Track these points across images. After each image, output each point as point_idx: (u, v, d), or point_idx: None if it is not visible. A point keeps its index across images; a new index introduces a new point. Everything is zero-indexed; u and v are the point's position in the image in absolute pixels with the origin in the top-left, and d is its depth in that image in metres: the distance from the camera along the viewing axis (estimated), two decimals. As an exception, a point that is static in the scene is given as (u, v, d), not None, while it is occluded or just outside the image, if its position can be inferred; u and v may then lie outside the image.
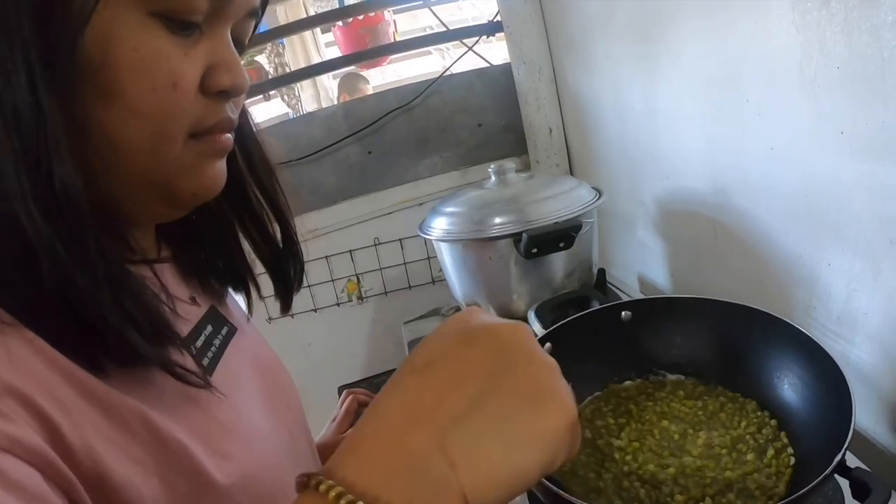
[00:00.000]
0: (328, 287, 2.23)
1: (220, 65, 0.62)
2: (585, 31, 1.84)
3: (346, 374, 2.15)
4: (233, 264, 0.89)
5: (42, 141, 0.51)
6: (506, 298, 1.45)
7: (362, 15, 2.71)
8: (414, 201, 2.21)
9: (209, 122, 0.64)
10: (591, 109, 1.94)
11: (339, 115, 2.21)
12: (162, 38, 0.57)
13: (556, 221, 1.33)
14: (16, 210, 0.51)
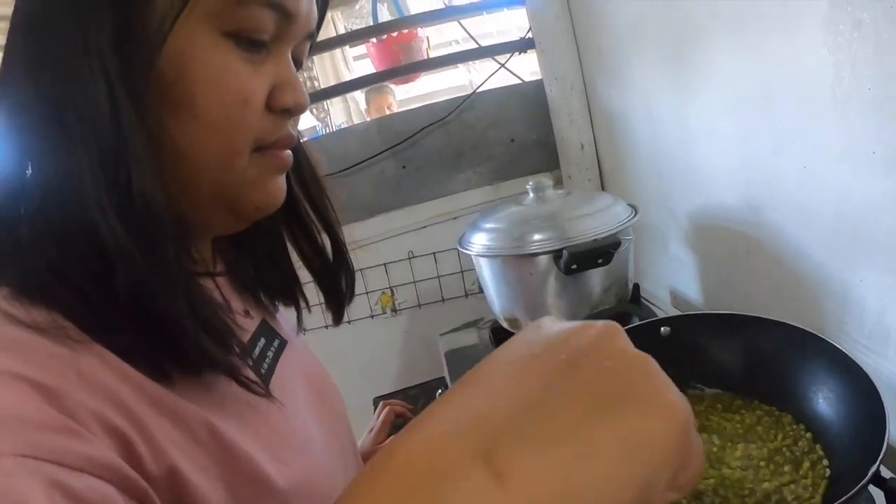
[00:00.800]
0: (362, 299, 2.28)
1: (285, 84, 0.67)
2: (617, 48, 1.88)
3: (379, 386, 2.19)
4: (283, 278, 0.93)
5: (121, 151, 0.55)
6: (544, 313, 1.45)
7: (396, 32, 2.77)
8: (448, 215, 2.26)
9: (272, 138, 0.68)
10: (623, 124, 1.97)
11: (374, 129, 2.27)
12: (233, 56, 0.61)
13: (594, 238, 1.37)
14: (94, 218, 0.54)
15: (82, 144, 0.55)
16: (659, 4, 1.53)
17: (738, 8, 1.22)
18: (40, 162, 0.56)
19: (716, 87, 1.39)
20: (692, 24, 1.40)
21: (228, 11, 0.60)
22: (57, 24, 0.57)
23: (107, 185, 0.55)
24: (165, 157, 0.61)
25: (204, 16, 0.59)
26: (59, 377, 0.49)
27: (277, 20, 0.64)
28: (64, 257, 0.55)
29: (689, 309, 1.73)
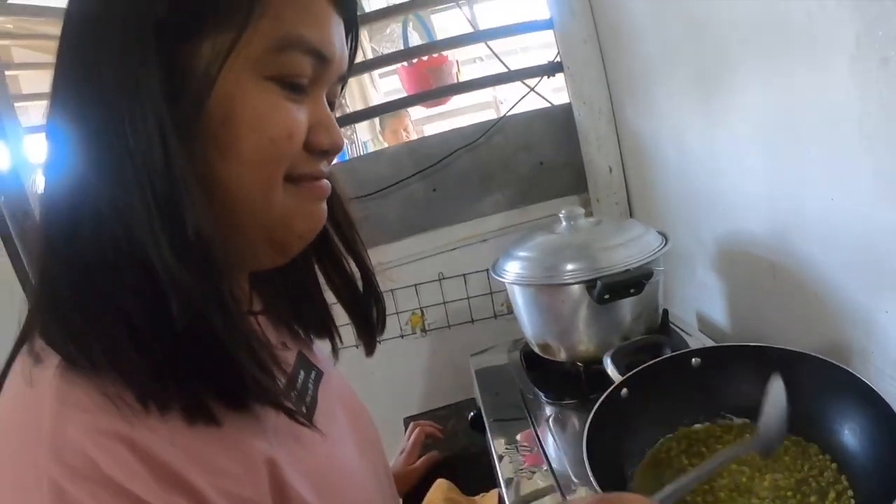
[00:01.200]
0: (393, 319, 2.31)
1: (320, 124, 0.72)
2: (645, 73, 1.92)
3: (408, 405, 2.25)
4: (316, 311, 0.97)
5: (174, 191, 0.59)
6: (575, 340, 1.53)
7: (427, 56, 2.83)
8: (477, 237, 2.30)
9: (304, 170, 0.72)
10: (651, 149, 2.00)
11: (405, 153, 2.32)
12: (277, 96, 0.66)
13: (627, 269, 1.41)
14: (149, 256, 0.57)
15: (137, 186, 0.58)
16: (688, 32, 1.57)
17: (768, 40, 1.25)
18: (94, 204, 0.60)
19: (744, 116, 1.42)
20: (722, 52, 1.43)
21: (271, 58, 0.65)
22: (108, 68, 0.61)
23: (161, 224, 0.58)
24: (214, 197, 0.64)
25: (248, 62, 0.64)
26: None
27: (315, 65, 0.69)
28: (121, 298, 0.59)
29: (715, 333, 1.76)
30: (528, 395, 1.63)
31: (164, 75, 0.61)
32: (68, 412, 0.55)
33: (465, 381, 2.04)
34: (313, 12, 0.69)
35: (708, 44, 1.49)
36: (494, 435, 1.51)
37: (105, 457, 0.52)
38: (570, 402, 1.53)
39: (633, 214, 2.27)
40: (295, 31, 0.66)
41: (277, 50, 0.65)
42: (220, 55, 0.63)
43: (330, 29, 0.71)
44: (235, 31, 0.63)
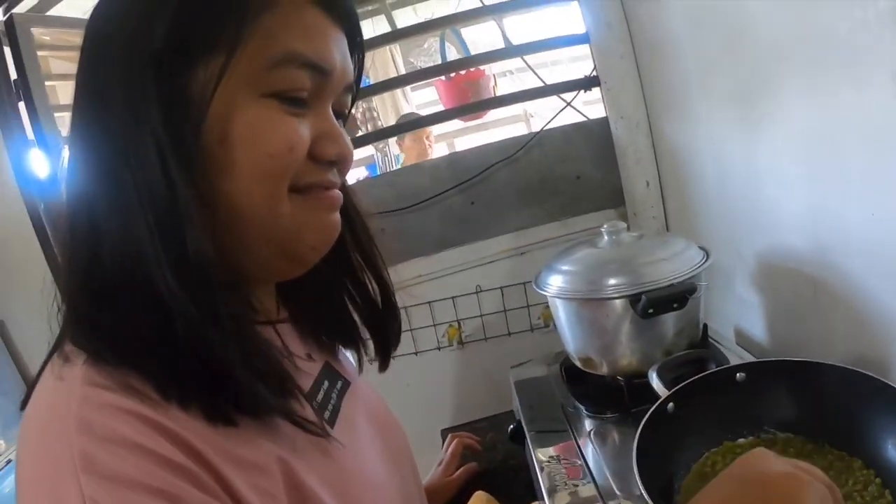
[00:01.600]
0: (430, 331, 2.35)
1: (325, 136, 0.75)
2: (683, 88, 1.93)
3: (444, 417, 2.29)
4: (342, 323, 1.00)
5: (174, 213, 0.63)
6: (618, 354, 1.55)
7: (464, 70, 2.86)
8: (515, 250, 2.32)
9: (310, 179, 0.75)
10: (689, 164, 2.02)
11: (444, 166, 2.35)
12: (276, 110, 0.70)
13: (671, 283, 1.43)
14: (152, 275, 0.62)
15: (140, 208, 0.63)
16: (727, 46, 1.59)
17: (808, 54, 1.27)
18: (103, 224, 0.66)
19: (784, 131, 1.43)
20: (761, 66, 1.45)
21: (266, 75, 0.69)
22: (109, 97, 0.67)
23: (162, 246, 0.63)
24: (219, 214, 0.69)
25: (243, 82, 0.68)
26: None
27: (313, 77, 0.73)
28: (131, 312, 0.64)
29: (753, 347, 1.77)
30: (568, 408, 1.66)
31: (162, 102, 0.66)
32: (95, 394, 0.59)
33: (502, 394, 2.07)
34: (307, 27, 0.72)
35: (747, 58, 1.50)
36: (535, 446, 1.53)
37: (130, 428, 0.57)
38: (611, 416, 1.56)
39: (670, 228, 2.29)
40: (288, 48, 0.70)
41: (272, 68, 0.69)
42: (212, 79, 0.67)
43: (327, 42, 0.74)
44: (225, 55, 0.67)
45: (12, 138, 2.38)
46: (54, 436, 0.58)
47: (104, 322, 0.64)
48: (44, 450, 0.58)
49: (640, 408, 1.45)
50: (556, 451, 1.48)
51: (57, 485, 0.54)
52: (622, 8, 2.21)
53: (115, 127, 0.66)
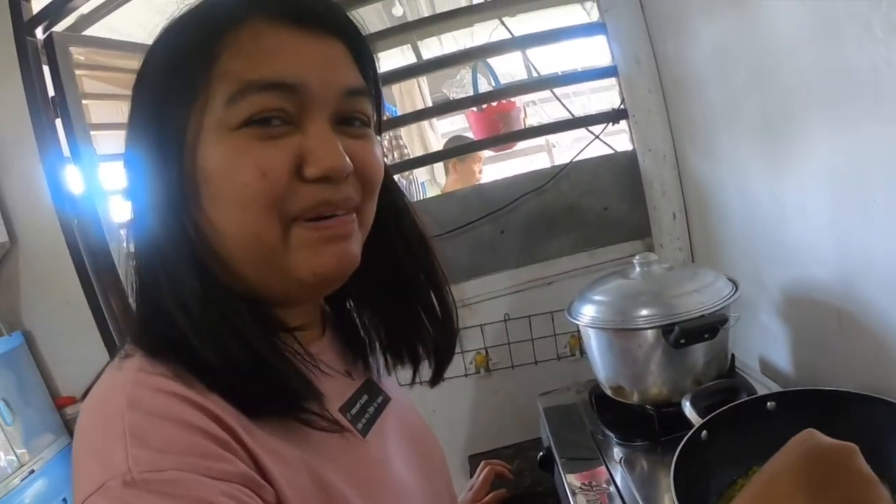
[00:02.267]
0: (457, 358, 2.31)
1: (311, 153, 0.76)
2: (709, 121, 1.97)
3: (470, 443, 2.33)
4: (397, 342, 1.05)
5: (168, 252, 0.74)
6: (649, 383, 1.58)
7: (496, 102, 2.92)
8: (543, 280, 2.36)
9: (302, 204, 0.77)
10: (715, 196, 2.06)
11: (474, 195, 2.41)
12: (248, 140, 0.75)
13: (702, 314, 1.46)
14: (166, 300, 0.73)
15: (151, 250, 0.77)
16: (752, 81, 1.63)
17: (833, 89, 1.30)
18: (142, 256, 0.79)
19: (809, 164, 1.46)
20: (787, 101, 1.48)
21: (229, 111, 0.74)
22: (135, 142, 0.80)
23: (165, 275, 0.74)
24: (223, 244, 0.77)
25: (214, 123, 0.75)
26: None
27: (283, 97, 0.75)
28: (171, 320, 0.73)
29: (778, 377, 1.79)
30: (598, 436, 1.69)
31: (157, 149, 0.76)
32: (147, 378, 0.68)
33: (528, 422, 2.10)
34: (265, 51, 0.76)
35: (773, 92, 1.54)
36: (566, 472, 1.57)
37: (175, 406, 0.65)
38: (641, 444, 1.59)
39: (696, 259, 2.32)
40: (242, 79, 0.74)
41: (231, 102, 0.74)
42: (194, 124, 0.75)
43: (293, 56, 0.76)
44: (191, 104, 0.75)
45: (48, 155, 2.46)
46: (107, 409, 0.66)
47: (154, 325, 0.75)
48: (97, 421, 0.67)
49: (669, 436, 1.48)
50: (586, 478, 1.51)
51: (106, 447, 0.62)
52: (650, 43, 2.26)
53: (130, 169, 0.81)
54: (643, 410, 1.62)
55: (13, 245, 2.56)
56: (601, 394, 1.78)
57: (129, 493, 0.58)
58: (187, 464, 0.60)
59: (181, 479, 0.59)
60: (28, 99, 2.45)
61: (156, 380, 0.68)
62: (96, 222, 2.47)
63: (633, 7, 2.27)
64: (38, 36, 2.54)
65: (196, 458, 0.61)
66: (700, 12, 1.85)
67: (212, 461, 0.62)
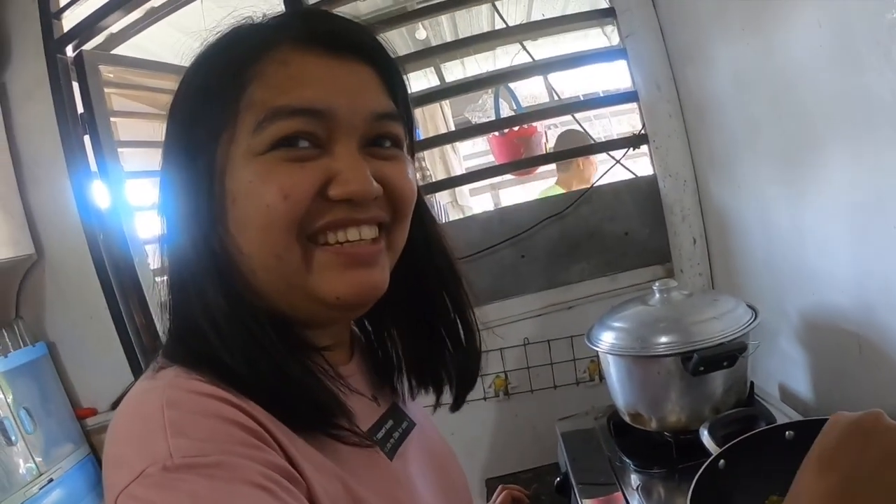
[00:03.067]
0: (477, 381, 2.37)
1: (335, 177, 0.78)
2: (729, 148, 1.98)
3: (487, 467, 2.33)
4: (422, 367, 1.05)
5: (197, 273, 0.77)
6: (667, 410, 1.58)
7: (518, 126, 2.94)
8: (563, 304, 2.37)
9: (319, 222, 0.78)
10: (735, 222, 2.06)
11: (496, 219, 2.43)
12: (274, 163, 0.76)
13: (721, 342, 1.46)
14: (199, 319, 0.75)
15: (181, 269, 0.80)
16: (772, 108, 1.63)
17: (852, 116, 1.31)
18: (175, 276, 0.81)
19: (829, 191, 1.47)
20: (806, 128, 1.49)
21: (257, 137, 0.76)
22: (169, 166, 0.82)
23: (212, 296, 0.76)
24: (244, 264, 0.79)
25: (243, 148, 0.77)
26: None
27: (310, 122, 0.77)
28: (204, 337, 0.75)
29: (798, 405, 1.79)
30: (615, 462, 1.69)
31: (189, 173, 0.79)
32: (184, 382, 0.70)
33: (546, 446, 2.11)
34: (293, 77, 0.77)
35: (792, 119, 1.55)
36: (583, 497, 1.57)
37: (215, 404, 0.67)
38: (658, 471, 1.59)
39: (715, 285, 2.32)
40: (270, 106, 0.76)
41: (258, 129, 0.76)
42: (222, 151, 0.78)
43: (321, 83, 0.78)
44: (230, 131, 0.77)
45: (76, 170, 2.52)
46: (145, 409, 0.67)
47: (188, 340, 0.77)
48: (134, 420, 0.68)
49: (687, 463, 1.48)
50: (604, 504, 1.51)
51: (145, 440, 0.63)
52: (670, 68, 2.28)
53: (162, 190, 0.83)
54: (661, 437, 1.62)
55: (39, 257, 2.62)
56: (619, 420, 1.78)
57: (171, 476, 0.59)
58: (229, 450, 0.62)
59: (226, 462, 0.61)
60: (58, 115, 2.52)
61: (192, 384, 0.69)
62: (121, 237, 2.52)
63: (654, 32, 2.30)
64: (69, 54, 2.61)
65: (237, 446, 0.63)
66: (719, 37, 1.87)
67: (253, 450, 0.64)
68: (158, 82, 2.96)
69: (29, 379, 2.59)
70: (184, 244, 0.79)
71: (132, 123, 2.98)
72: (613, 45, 2.66)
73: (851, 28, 1.25)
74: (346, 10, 1.82)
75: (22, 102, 2.62)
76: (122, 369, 2.54)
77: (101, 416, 2.66)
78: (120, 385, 0.80)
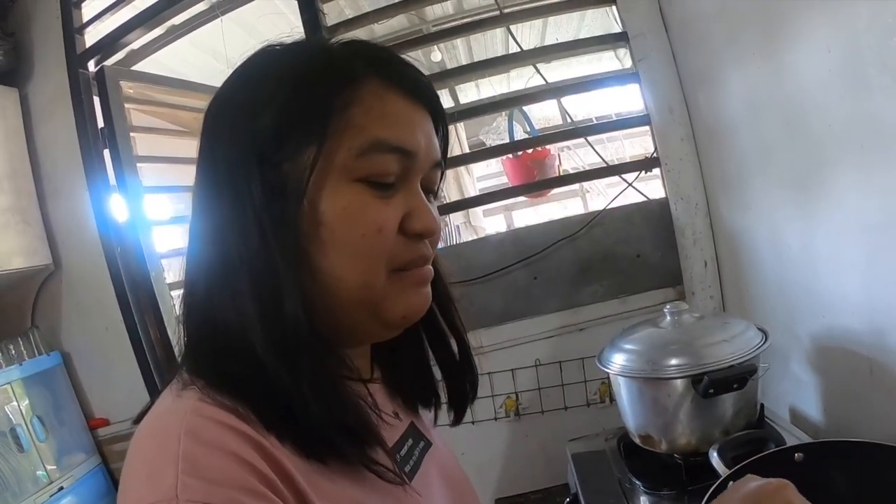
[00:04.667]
0: (488, 402, 2.40)
1: (413, 212, 0.81)
2: (740, 170, 2.00)
3: (498, 486, 2.34)
4: (423, 380, 1.05)
5: (272, 284, 0.74)
6: (678, 433, 1.58)
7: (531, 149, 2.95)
8: (574, 326, 2.38)
9: (406, 257, 0.82)
10: (746, 245, 2.07)
11: (509, 241, 2.44)
12: (366, 195, 0.78)
13: (731, 365, 1.47)
14: (252, 339, 0.73)
15: (241, 279, 0.75)
16: (784, 131, 1.65)
17: (862, 140, 1.32)
18: (214, 290, 0.78)
19: (840, 214, 1.48)
20: (815, 151, 1.51)
21: (357, 162, 0.77)
22: (218, 175, 0.79)
23: (262, 312, 0.74)
24: (318, 284, 0.78)
25: (336, 169, 0.77)
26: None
27: (400, 160, 0.80)
28: (238, 362, 0.74)
29: (808, 427, 1.79)
30: (625, 484, 1.69)
31: (264, 184, 0.76)
32: (206, 409, 0.69)
33: (556, 467, 2.11)
34: (391, 114, 0.80)
35: (802, 142, 1.56)
36: (593, 519, 1.57)
37: (231, 440, 0.66)
38: (668, 493, 1.59)
39: (726, 308, 2.33)
40: (374, 136, 0.78)
41: (360, 155, 0.77)
42: (307, 166, 0.76)
43: (411, 125, 0.82)
44: (317, 146, 0.76)
45: (95, 183, 2.56)
46: (164, 433, 0.67)
47: (217, 364, 0.75)
48: (153, 442, 0.68)
49: (696, 485, 1.49)
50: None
51: (158, 469, 0.63)
52: (682, 92, 2.30)
53: (221, 202, 0.78)
54: (671, 459, 1.62)
55: (57, 268, 2.66)
56: (630, 441, 1.78)
57: None
58: (234, 498, 0.62)
59: None
60: (78, 128, 2.56)
61: (215, 411, 0.69)
62: (139, 251, 2.56)
63: (666, 56, 2.32)
64: (90, 69, 2.64)
65: (244, 495, 0.63)
66: (731, 61, 1.89)
67: (259, 500, 0.63)
68: (178, 99, 3.00)
69: (43, 388, 2.64)
70: (237, 255, 0.76)
71: (151, 139, 3.02)
72: (626, 69, 2.68)
73: (860, 52, 1.27)
74: (361, 34, 1.84)
75: (43, 115, 2.67)
76: (136, 381, 2.56)
77: (113, 427, 2.69)
78: (133, 396, 0.81)
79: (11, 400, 2.60)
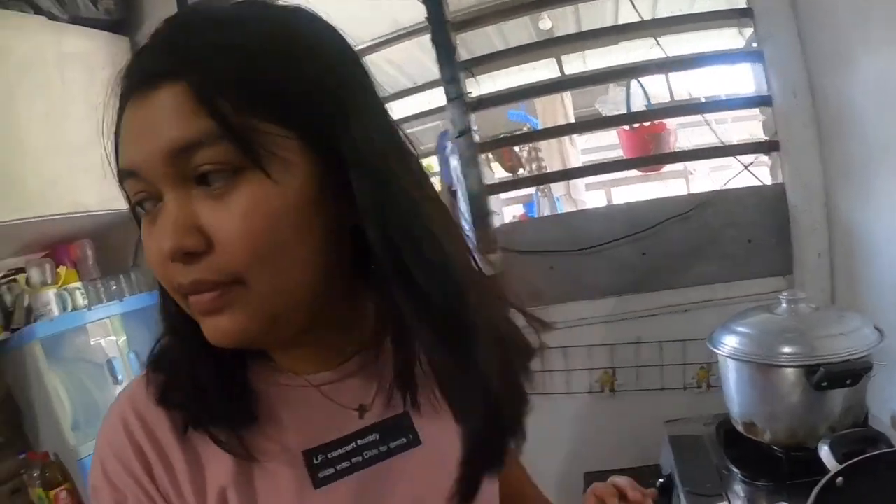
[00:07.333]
0: (584, 374, 2.42)
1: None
2: (865, 159, 1.95)
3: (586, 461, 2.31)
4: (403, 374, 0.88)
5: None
6: (784, 424, 1.58)
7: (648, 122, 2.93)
8: (678, 307, 2.36)
9: (178, 281, 0.72)
10: (864, 238, 2.03)
11: (620, 215, 2.44)
12: (144, 225, 0.74)
13: (847, 359, 1.46)
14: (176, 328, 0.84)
15: None
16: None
17: None
18: None
19: None
20: None
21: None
22: None
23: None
24: None
25: None
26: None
27: (137, 181, 0.71)
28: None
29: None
30: (722, 471, 1.69)
31: None
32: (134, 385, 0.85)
33: (648, 447, 2.12)
34: (124, 134, 0.72)
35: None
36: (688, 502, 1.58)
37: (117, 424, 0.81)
38: (766, 484, 1.58)
39: (836, 302, 2.27)
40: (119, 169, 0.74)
41: (123, 188, 0.76)
42: None
43: (130, 135, 0.72)
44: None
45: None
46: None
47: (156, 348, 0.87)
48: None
49: (798, 479, 1.48)
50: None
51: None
52: (807, 74, 2.24)
53: None
54: (771, 451, 1.62)
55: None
56: (731, 428, 1.78)
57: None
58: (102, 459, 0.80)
59: (97, 487, 0.79)
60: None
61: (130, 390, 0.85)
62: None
63: (792, 37, 2.26)
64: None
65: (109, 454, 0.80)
66: (861, 43, 1.85)
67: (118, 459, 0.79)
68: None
69: (142, 324, 2.81)
70: None
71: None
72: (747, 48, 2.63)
73: None
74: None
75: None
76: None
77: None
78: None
79: (110, 334, 2.81)
